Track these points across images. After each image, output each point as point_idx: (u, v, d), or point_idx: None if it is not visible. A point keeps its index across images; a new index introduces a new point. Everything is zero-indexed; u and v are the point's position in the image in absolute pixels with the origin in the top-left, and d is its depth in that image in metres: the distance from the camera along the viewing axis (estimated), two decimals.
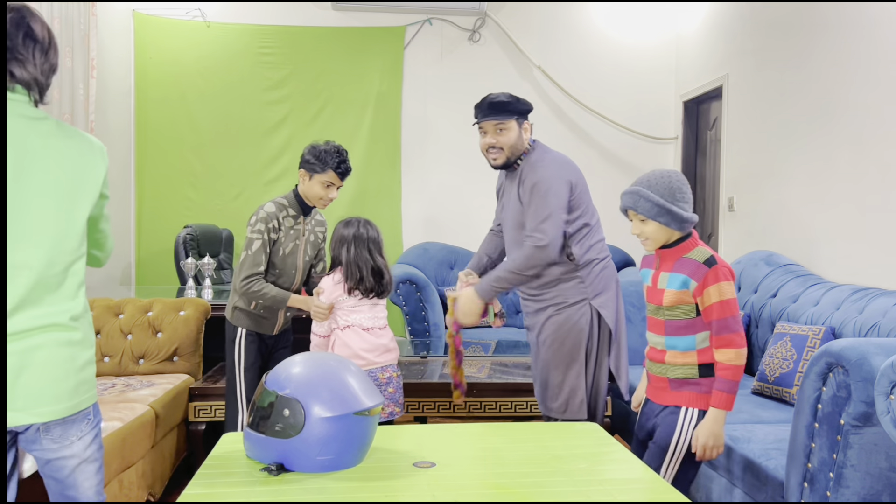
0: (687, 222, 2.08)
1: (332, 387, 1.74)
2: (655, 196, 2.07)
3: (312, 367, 1.80)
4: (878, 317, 2.75)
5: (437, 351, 4.18)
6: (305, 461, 1.71)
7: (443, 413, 3.23)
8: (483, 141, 2.62)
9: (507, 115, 2.57)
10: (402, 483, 1.69)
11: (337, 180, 2.78)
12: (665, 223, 2.07)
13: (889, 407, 1.77)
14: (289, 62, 5.50)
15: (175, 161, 5.44)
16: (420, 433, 2.13)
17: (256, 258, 2.73)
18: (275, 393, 1.72)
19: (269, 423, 1.71)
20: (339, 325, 2.76)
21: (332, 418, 1.70)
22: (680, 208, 2.06)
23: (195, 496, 1.61)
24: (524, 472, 1.77)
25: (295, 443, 1.69)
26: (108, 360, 3.42)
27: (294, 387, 1.72)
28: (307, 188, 2.79)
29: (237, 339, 2.83)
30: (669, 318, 2.11)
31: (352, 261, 2.73)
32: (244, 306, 2.82)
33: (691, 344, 2.09)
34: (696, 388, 2.09)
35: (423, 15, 5.59)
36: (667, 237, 2.12)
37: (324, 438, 1.70)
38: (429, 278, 4.87)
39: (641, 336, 3.74)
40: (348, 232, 2.77)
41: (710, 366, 2.08)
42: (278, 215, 2.79)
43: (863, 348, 1.95)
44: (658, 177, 2.10)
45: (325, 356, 1.89)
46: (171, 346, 3.46)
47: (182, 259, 4.50)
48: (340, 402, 1.72)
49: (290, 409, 1.69)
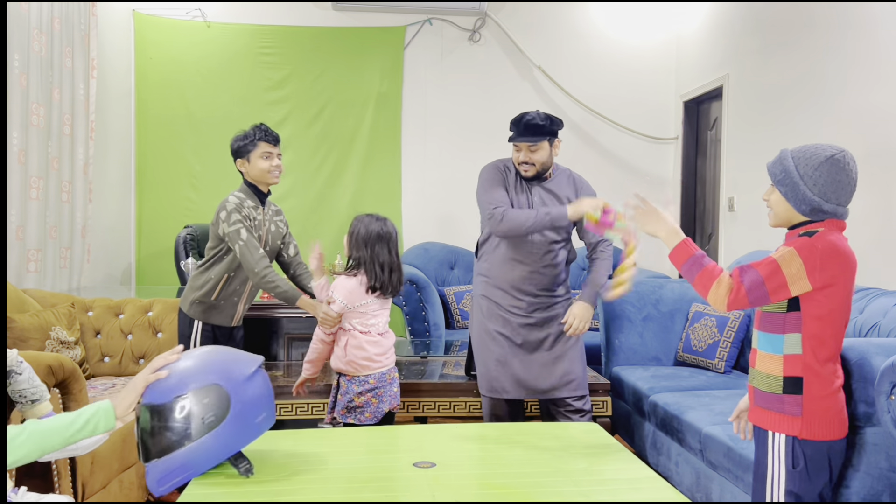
0: (815, 208, 1.77)
1: (224, 358, 1.79)
2: (791, 162, 1.80)
3: (190, 359, 1.76)
4: (878, 317, 2.74)
5: (438, 351, 4.18)
6: (248, 431, 1.72)
7: (443, 413, 3.23)
8: (517, 156, 2.85)
9: (541, 137, 2.77)
10: (402, 483, 1.69)
11: (272, 147, 2.85)
12: (784, 195, 1.79)
13: (889, 407, 1.77)
14: (289, 62, 5.50)
15: (175, 161, 5.43)
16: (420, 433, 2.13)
17: (252, 242, 2.76)
18: (176, 397, 1.66)
19: (195, 425, 1.65)
20: (357, 329, 2.69)
21: (250, 377, 1.74)
22: (809, 187, 1.76)
23: (195, 496, 1.61)
24: (524, 471, 1.77)
25: (232, 420, 1.68)
26: (108, 361, 3.41)
27: (195, 377, 1.70)
28: (252, 171, 2.86)
29: (193, 334, 2.87)
30: (766, 308, 1.84)
31: (375, 261, 2.66)
32: (205, 298, 2.85)
33: (778, 346, 1.80)
34: (778, 407, 1.80)
35: (424, 15, 5.58)
36: (787, 215, 1.83)
37: (255, 397, 1.73)
38: (429, 278, 4.87)
39: (641, 336, 3.74)
40: (369, 230, 2.69)
41: (797, 381, 1.76)
42: (244, 205, 2.83)
43: (863, 348, 1.95)
44: (815, 148, 1.79)
45: (188, 352, 1.83)
46: (172, 346, 3.42)
47: (182, 259, 4.50)
48: (244, 362, 1.78)
49: (207, 395, 1.67)
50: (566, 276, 2.98)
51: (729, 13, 4.90)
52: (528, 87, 5.69)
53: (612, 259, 2.97)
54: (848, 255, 1.76)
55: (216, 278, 2.87)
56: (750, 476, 2.41)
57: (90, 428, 1.61)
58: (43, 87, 3.85)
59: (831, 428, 1.78)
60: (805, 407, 1.76)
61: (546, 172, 2.89)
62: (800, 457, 1.77)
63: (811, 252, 1.71)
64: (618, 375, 3.61)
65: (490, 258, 2.93)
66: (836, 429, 1.80)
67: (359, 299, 2.68)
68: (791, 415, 1.77)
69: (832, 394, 1.78)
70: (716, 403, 2.95)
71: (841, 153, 1.77)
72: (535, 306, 2.88)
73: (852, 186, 1.79)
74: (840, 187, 1.76)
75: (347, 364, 2.68)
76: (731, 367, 3.51)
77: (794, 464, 1.77)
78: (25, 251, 3.75)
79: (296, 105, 5.51)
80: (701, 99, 5.44)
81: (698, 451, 2.76)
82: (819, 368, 1.76)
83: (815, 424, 1.76)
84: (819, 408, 1.76)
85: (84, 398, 2.41)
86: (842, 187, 1.77)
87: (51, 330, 3.06)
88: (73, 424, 1.59)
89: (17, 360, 2.04)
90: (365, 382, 2.67)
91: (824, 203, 1.76)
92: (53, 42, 3.97)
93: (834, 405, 1.79)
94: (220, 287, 2.87)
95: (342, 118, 5.54)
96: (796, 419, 1.76)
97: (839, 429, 1.81)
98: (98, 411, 1.62)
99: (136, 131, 5.41)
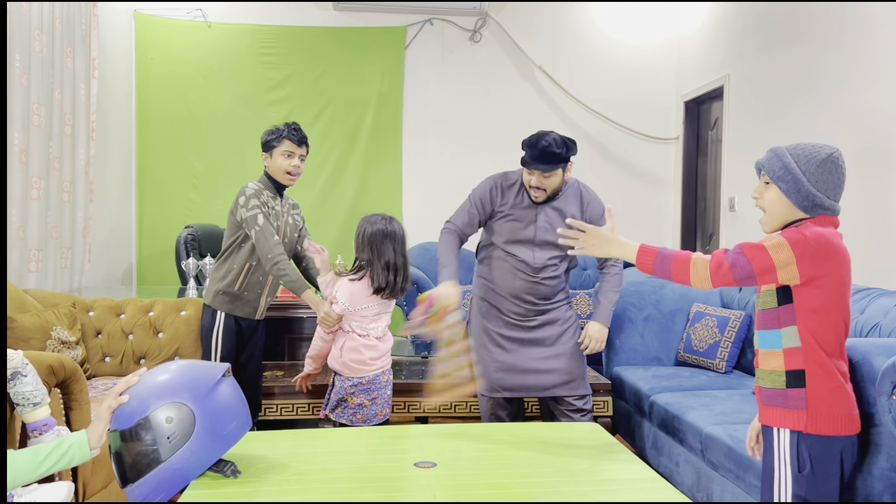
0: (816, 204, 1.75)
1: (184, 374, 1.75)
2: (791, 159, 1.78)
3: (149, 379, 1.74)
4: (879, 317, 2.74)
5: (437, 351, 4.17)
6: (220, 441, 1.70)
7: (443, 413, 3.23)
8: (528, 178, 2.78)
9: (556, 165, 2.71)
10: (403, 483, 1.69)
11: (295, 147, 2.88)
12: (786, 191, 1.77)
13: (890, 407, 1.77)
14: (290, 62, 5.50)
15: (176, 161, 5.43)
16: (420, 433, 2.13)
17: (268, 229, 2.77)
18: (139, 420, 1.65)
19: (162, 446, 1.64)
20: (355, 332, 2.69)
21: (213, 388, 1.72)
22: (812, 183, 1.75)
23: (195, 496, 1.61)
24: (525, 471, 1.77)
25: (200, 434, 1.67)
26: (109, 361, 3.42)
27: (155, 398, 1.68)
28: (272, 166, 2.90)
29: (216, 325, 2.86)
30: (760, 306, 1.83)
31: (380, 261, 2.64)
32: (229, 288, 2.85)
33: (776, 341, 1.78)
34: (783, 402, 1.77)
35: (424, 15, 5.58)
36: (784, 214, 1.80)
37: (222, 407, 1.71)
38: (430, 278, 4.86)
39: (642, 336, 3.74)
40: (374, 230, 2.65)
41: (799, 374, 1.74)
42: (263, 193, 2.85)
43: (864, 348, 1.95)
44: (812, 147, 1.79)
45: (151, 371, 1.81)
46: (173, 346, 3.45)
47: (183, 259, 4.50)
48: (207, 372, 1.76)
49: (169, 414, 1.66)
50: (566, 284, 2.98)
51: (730, 13, 4.90)
52: (528, 87, 5.69)
53: (622, 274, 2.97)
54: (838, 247, 1.74)
55: (238, 268, 2.87)
56: (750, 476, 2.41)
57: (66, 461, 1.63)
58: (44, 88, 3.86)
59: (838, 423, 1.73)
60: (809, 400, 1.73)
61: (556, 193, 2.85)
62: (805, 459, 1.73)
63: (802, 243, 1.69)
64: (619, 375, 3.61)
65: (490, 263, 2.93)
66: (844, 424, 1.74)
67: (361, 303, 2.67)
68: (795, 409, 1.74)
69: (838, 387, 1.74)
70: (717, 403, 2.95)
71: (837, 151, 1.80)
72: (534, 312, 2.89)
73: (844, 183, 1.81)
74: (837, 184, 1.78)
75: (342, 365, 2.69)
76: (732, 367, 3.51)
77: (800, 467, 1.73)
78: (26, 251, 3.75)
79: (297, 105, 5.51)
80: (702, 99, 5.44)
81: (699, 451, 2.76)
82: (822, 360, 1.73)
83: (821, 418, 1.72)
84: (824, 401, 1.72)
85: (85, 398, 2.41)
86: (839, 184, 1.78)
87: (52, 330, 3.06)
88: (48, 459, 1.61)
89: (22, 362, 2.04)
90: (359, 383, 2.67)
91: (826, 199, 1.76)
92: (54, 42, 3.97)
93: (840, 400, 1.74)
94: (242, 276, 2.87)
95: (343, 118, 5.54)
96: (801, 413, 1.73)
97: (847, 424, 1.75)
98: (73, 445, 1.64)
99: (136, 131, 5.41)
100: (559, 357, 2.87)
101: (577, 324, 2.98)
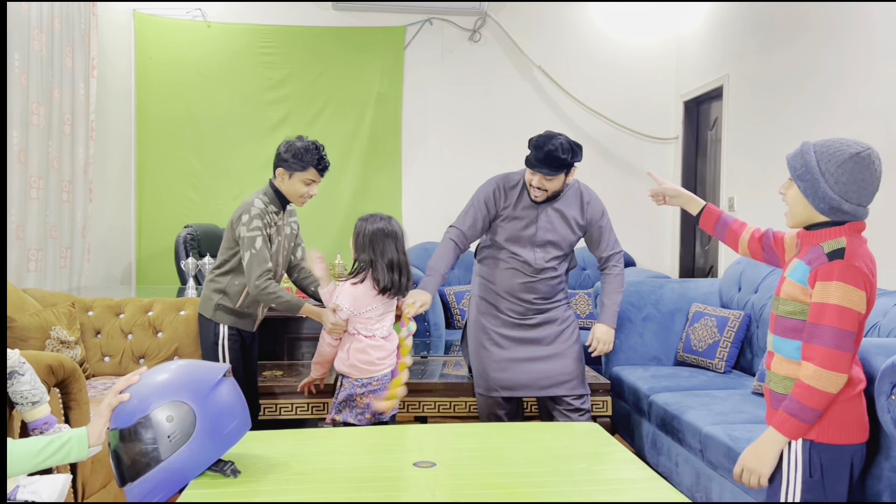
0: (834, 207, 1.68)
1: (185, 373, 1.75)
2: (813, 157, 1.70)
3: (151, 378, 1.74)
4: (878, 317, 2.74)
5: (438, 351, 4.18)
6: (220, 441, 1.69)
7: (443, 413, 3.23)
8: (530, 178, 2.77)
9: (560, 170, 2.71)
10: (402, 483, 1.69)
11: (318, 177, 2.77)
12: (803, 191, 1.70)
13: (889, 407, 1.77)
14: (289, 62, 5.50)
15: (175, 161, 5.43)
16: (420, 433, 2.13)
17: (262, 255, 2.68)
18: (139, 419, 1.65)
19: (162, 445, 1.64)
20: (361, 333, 2.68)
21: (214, 388, 1.71)
22: (830, 185, 1.67)
23: (194, 496, 1.61)
24: (524, 471, 1.77)
25: (201, 433, 1.66)
26: (108, 360, 3.41)
27: (156, 397, 1.67)
28: (288, 186, 2.77)
29: (220, 339, 2.82)
30: (782, 313, 1.77)
31: (382, 260, 2.62)
32: (229, 304, 2.81)
33: (797, 352, 1.73)
34: None
35: (424, 15, 5.58)
36: (805, 214, 1.74)
37: (222, 408, 1.71)
38: None
39: (641, 336, 3.74)
40: (374, 229, 2.64)
41: None
42: (268, 210, 2.77)
43: (863, 348, 1.95)
44: (840, 144, 1.69)
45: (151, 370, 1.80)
46: (172, 345, 3.45)
47: (182, 259, 4.50)
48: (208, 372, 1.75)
49: (170, 413, 1.65)
50: (566, 284, 2.99)
51: (729, 13, 4.90)
52: (528, 86, 5.70)
53: (623, 274, 2.96)
54: (874, 263, 1.71)
55: (239, 288, 2.80)
56: None
57: (64, 453, 1.62)
58: (43, 87, 3.85)
59: (850, 432, 1.71)
60: (824, 411, 1.69)
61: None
62: (817, 465, 1.70)
63: (856, 276, 1.64)
64: (618, 375, 3.61)
65: (490, 263, 2.93)
66: (856, 432, 1.73)
67: (364, 305, 2.66)
68: None
69: (853, 398, 1.72)
70: (716, 403, 2.95)
71: (867, 150, 1.69)
72: (533, 311, 2.89)
73: (876, 186, 1.71)
74: (863, 187, 1.68)
75: (350, 367, 2.68)
76: (731, 366, 3.51)
77: (810, 472, 1.69)
78: (25, 251, 3.75)
79: (296, 105, 5.51)
80: (701, 99, 5.44)
81: (698, 450, 2.76)
82: None
83: (833, 428, 1.69)
84: (838, 411, 1.69)
85: (84, 398, 2.41)
86: (864, 187, 1.69)
87: (51, 329, 3.06)
88: (45, 450, 1.60)
89: (19, 361, 2.04)
90: (368, 383, 2.67)
91: (844, 203, 1.68)
92: (54, 42, 3.97)
93: (854, 409, 1.72)
94: (243, 297, 2.82)
95: (342, 118, 5.54)
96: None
97: (859, 432, 1.74)
98: (71, 439, 1.64)
99: (136, 131, 5.41)
100: (557, 356, 2.88)
101: (575, 324, 2.98)
